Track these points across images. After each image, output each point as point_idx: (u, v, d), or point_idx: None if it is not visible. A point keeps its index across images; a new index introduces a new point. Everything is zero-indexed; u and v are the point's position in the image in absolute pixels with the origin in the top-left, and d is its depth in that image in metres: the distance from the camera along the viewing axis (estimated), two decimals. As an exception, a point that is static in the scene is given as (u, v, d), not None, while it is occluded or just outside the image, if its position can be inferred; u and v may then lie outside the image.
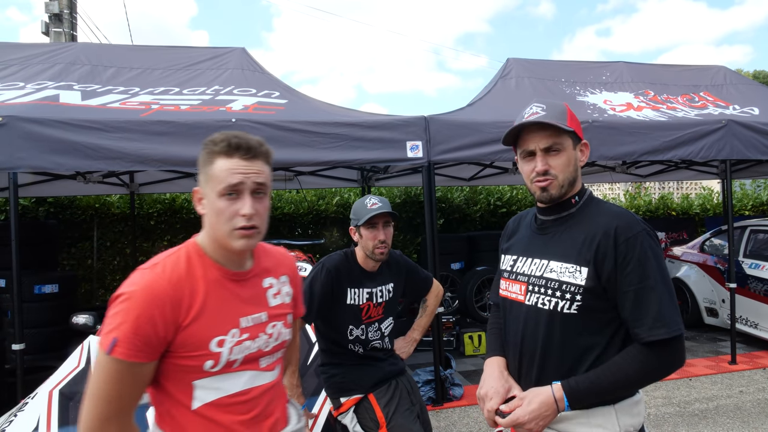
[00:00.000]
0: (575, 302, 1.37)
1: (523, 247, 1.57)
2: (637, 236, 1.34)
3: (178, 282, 1.17)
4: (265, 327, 1.30)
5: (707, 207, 10.04)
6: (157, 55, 5.37)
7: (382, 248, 2.25)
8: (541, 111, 1.43)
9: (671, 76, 6.74)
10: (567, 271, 1.39)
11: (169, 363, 1.18)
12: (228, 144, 1.20)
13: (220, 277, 1.24)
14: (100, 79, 4.86)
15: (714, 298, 6.35)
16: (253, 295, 1.30)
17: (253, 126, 3.97)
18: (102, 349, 1.10)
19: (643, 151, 4.87)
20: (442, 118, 4.53)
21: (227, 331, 1.21)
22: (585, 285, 1.36)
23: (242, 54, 5.52)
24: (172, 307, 1.14)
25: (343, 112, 4.82)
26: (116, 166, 3.82)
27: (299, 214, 8.05)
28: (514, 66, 6.14)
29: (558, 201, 1.47)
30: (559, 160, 1.43)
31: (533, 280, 1.47)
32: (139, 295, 1.11)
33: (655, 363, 1.32)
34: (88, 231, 7.35)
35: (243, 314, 1.26)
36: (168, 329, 1.14)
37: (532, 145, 1.44)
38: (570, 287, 1.38)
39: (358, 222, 2.26)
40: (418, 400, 2.35)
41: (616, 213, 1.42)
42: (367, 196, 2.29)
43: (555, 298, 1.40)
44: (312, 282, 2.22)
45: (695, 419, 4.00)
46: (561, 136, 1.42)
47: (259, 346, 1.27)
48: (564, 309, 1.38)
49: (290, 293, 1.43)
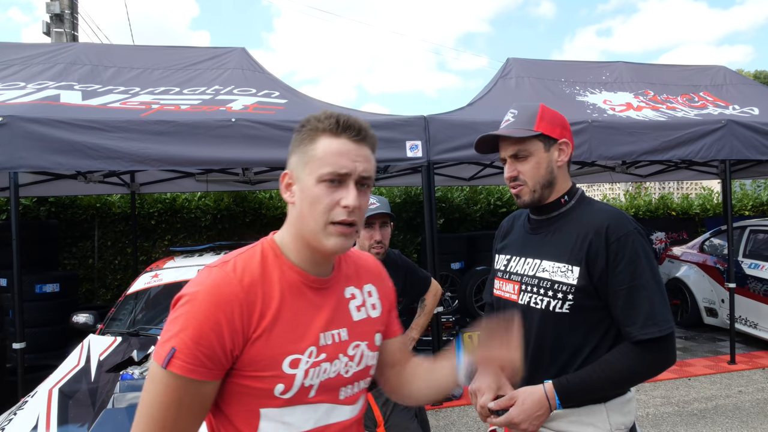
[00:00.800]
0: (567, 301, 1.39)
1: (517, 247, 1.59)
2: (628, 235, 1.36)
3: (251, 284, 0.97)
4: (346, 347, 1.06)
5: (707, 207, 10.04)
6: (157, 55, 5.38)
7: (378, 248, 2.26)
8: (511, 117, 1.50)
9: (671, 76, 6.74)
10: (559, 270, 1.41)
11: (233, 384, 0.97)
12: (336, 121, 1.00)
13: (298, 283, 1.03)
14: (101, 79, 4.88)
15: (713, 298, 6.35)
16: (333, 308, 1.07)
17: (253, 126, 3.99)
18: (157, 361, 0.91)
19: (642, 151, 4.88)
20: (442, 118, 4.54)
21: (304, 349, 0.99)
22: (576, 284, 1.38)
23: (242, 54, 5.54)
24: (241, 313, 0.94)
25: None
26: (116, 166, 3.83)
27: (299, 214, 8.05)
28: (514, 66, 6.14)
29: (536, 204, 1.50)
30: (526, 166, 1.47)
31: (526, 279, 1.49)
32: (203, 297, 0.92)
33: (646, 361, 1.33)
34: (89, 230, 7.37)
35: (322, 329, 1.03)
36: (236, 340, 0.93)
37: (502, 152, 1.51)
38: (562, 286, 1.40)
39: None
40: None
41: (607, 212, 1.43)
42: None
43: (547, 297, 1.42)
44: None
45: (694, 419, 4.01)
46: (524, 142, 1.46)
47: (338, 370, 1.04)
48: (556, 308, 1.40)
49: (378, 307, 1.17)
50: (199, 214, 7.62)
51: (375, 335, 1.14)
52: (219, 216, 7.69)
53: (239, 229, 7.76)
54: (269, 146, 3.99)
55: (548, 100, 5.54)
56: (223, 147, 3.91)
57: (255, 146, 3.97)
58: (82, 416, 2.26)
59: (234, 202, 7.77)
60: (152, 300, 3.65)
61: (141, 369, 2.59)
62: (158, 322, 3.39)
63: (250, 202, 7.85)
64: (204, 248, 5.09)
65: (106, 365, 2.78)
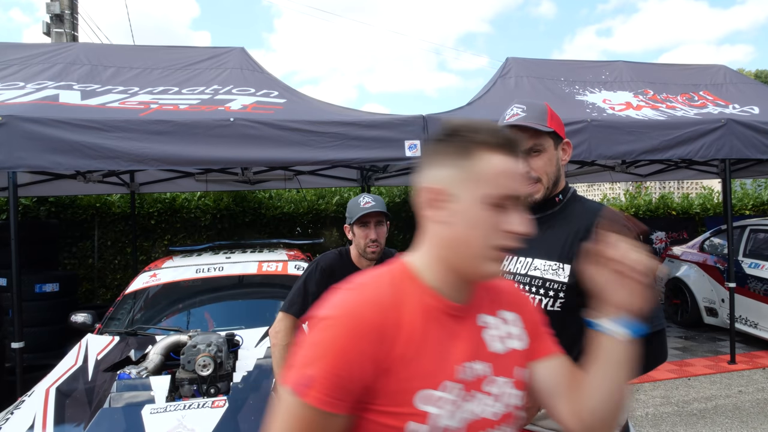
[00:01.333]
0: (558, 299, 1.39)
1: None
2: None
3: (389, 309, 0.87)
4: (489, 384, 0.93)
5: (707, 206, 10.02)
6: (156, 54, 5.39)
7: (373, 247, 2.25)
8: (521, 112, 1.47)
9: (671, 75, 6.73)
10: (550, 268, 1.42)
11: (363, 420, 0.86)
12: (507, 138, 0.90)
13: (436, 309, 0.92)
14: (100, 78, 4.88)
15: (714, 298, 6.34)
16: (472, 338, 0.95)
17: (251, 125, 3.98)
18: (291, 389, 0.82)
19: (642, 150, 4.86)
20: (441, 118, 4.53)
21: (438, 383, 0.87)
22: (568, 282, 1.38)
23: (241, 54, 5.54)
24: (381, 341, 0.84)
25: (341, 111, 4.83)
26: (115, 166, 3.83)
27: (299, 214, 8.06)
28: (514, 65, 6.14)
29: (539, 203, 1.50)
30: (540, 162, 1.46)
31: (518, 278, 1.49)
32: (345, 323, 0.84)
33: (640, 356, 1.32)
34: (89, 230, 7.38)
35: (460, 362, 0.91)
36: (372, 370, 0.83)
37: None
38: (553, 284, 1.40)
39: (351, 220, 2.27)
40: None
41: (598, 210, 1.45)
42: (362, 195, 2.30)
43: (539, 295, 1.42)
44: (306, 280, 2.23)
45: (694, 419, 4.00)
46: (541, 136, 1.45)
47: (482, 411, 0.91)
48: (548, 306, 1.41)
49: (524, 338, 1.04)
50: (199, 214, 7.62)
51: (520, 371, 1.00)
52: (219, 216, 7.70)
53: (239, 229, 7.77)
54: (268, 146, 3.98)
55: (548, 100, 5.53)
56: (222, 147, 3.91)
57: (253, 146, 3.97)
58: (79, 416, 2.26)
59: (233, 202, 7.77)
60: (150, 299, 3.65)
61: (138, 368, 2.59)
62: (156, 321, 3.40)
63: (250, 201, 7.85)
64: (203, 248, 5.11)
65: (104, 365, 2.79)
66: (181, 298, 3.68)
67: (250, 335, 3.02)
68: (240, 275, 3.80)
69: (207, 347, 2.52)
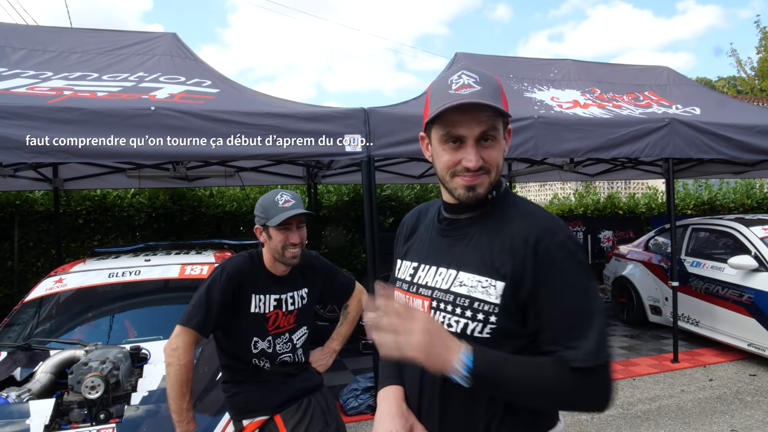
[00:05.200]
0: (488, 324, 1.11)
1: (425, 252, 1.28)
2: (562, 244, 1.11)
3: None
4: None
5: (652, 206, 10.24)
6: (76, 37, 4.93)
7: (294, 252, 1.99)
8: (474, 84, 1.12)
9: (617, 75, 6.76)
10: (480, 285, 1.13)
11: None
12: None
13: None
14: (7, 61, 4.41)
15: (658, 296, 6.39)
16: None
17: (175, 115, 3.64)
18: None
19: (588, 148, 4.79)
20: (383, 111, 4.30)
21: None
22: (500, 303, 1.11)
23: (173, 39, 5.15)
24: None
25: (278, 102, 4.53)
26: (16, 158, 3.41)
27: (242, 212, 7.67)
28: (463, 60, 5.98)
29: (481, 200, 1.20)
30: (493, 152, 1.15)
31: (438, 294, 1.19)
32: None
33: (578, 386, 1.07)
34: (9, 230, 6.76)
35: None
36: None
37: (462, 129, 1.13)
38: (483, 305, 1.12)
39: (266, 221, 1.99)
40: (334, 419, 2.10)
41: (535, 216, 1.17)
42: (278, 191, 2.02)
43: (465, 318, 1.13)
44: (209, 288, 1.93)
45: (638, 421, 3.93)
46: (497, 119, 1.14)
47: None
48: (475, 332, 1.12)
49: None
50: (133, 213, 7.12)
51: None
52: (154, 214, 7.22)
53: (176, 229, 7.31)
54: (193, 138, 3.65)
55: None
56: (140, 138, 3.54)
57: (177, 138, 3.62)
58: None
59: (170, 200, 7.31)
60: (53, 308, 3.25)
61: (19, 390, 2.23)
62: (57, 333, 3.01)
63: (189, 199, 7.41)
64: (134, 249, 4.69)
65: (-18, 386, 2.40)
66: (89, 306, 3.29)
67: (162, 347, 2.68)
68: (159, 279, 3.44)
69: (100, 365, 2.18)
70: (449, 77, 1.15)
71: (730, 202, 10.48)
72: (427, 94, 1.21)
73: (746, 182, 10.79)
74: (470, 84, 1.12)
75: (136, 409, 2.14)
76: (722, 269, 5.36)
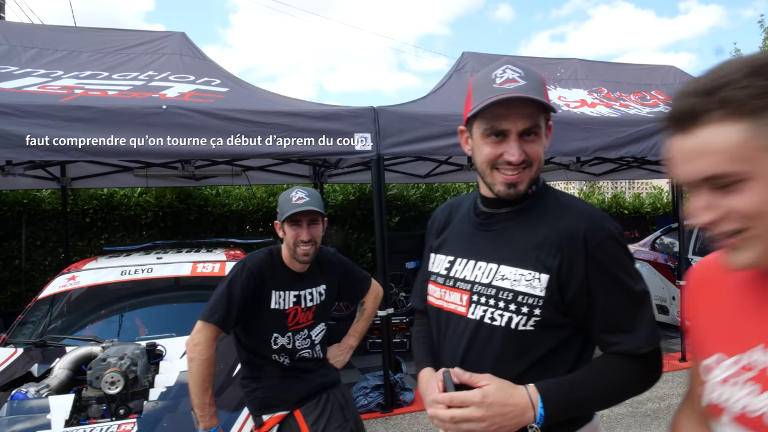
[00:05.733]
0: (533, 317, 1.12)
1: (462, 246, 1.28)
2: (610, 236, 1.14)
3: None
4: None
5: (657, 206, 10.23)
6: (86, 36, 4.95)
7: (306, 249, 1.99)
8: (519, 78, 1.12)
9: (624, 74, 6.77)
10: (523, 278, 1.13)
11: None
12: None
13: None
14: (18, 60, 4.43)
15: (665, 296, 6.39)
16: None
17: (186, 114, 3.66)
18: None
19: (596, 147, 4.80)
20: (392, 110, 4.31)
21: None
22: (545, 296, 1.11)
23: (181, 39, 5.16)
24: None
25: (287, 101, 4.55)
26: (29, 156, 3.45)
27: (248, 211, 7.68)
28: (470, 60, 5.99)
29: None
30: (536, 147, 1.15)
31: (479, 288, 1.19)
32: None
33: (642, 373, 1.15)
34: (16, 229, 6.78)
35: None
36: None
37: (506, 123, 1.12)
38: (527, 299, 1.12)
39: (281, 217, 2.01)
40: (352, 414, 2.12)
41: (581, 210, 1.18)
42: (294, 189, 2.03)
43: (508, 312, 1.14)
44: (231, 284, 1.94)
45: (648, 419, 3.93)
46: (540, 115, 1.14)
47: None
48: (519, 326, 1.13)
49: None
50: (140, 212, 7.14)
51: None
52: (161, 213, 7.23)
53: (183, 228, 7.33)
54: (205, 137, 3.67)
55: (503, 95, 5.41)
56: (153, 137, 3.56)
57: (189, 136, 3.64)
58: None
59: (177, 199, 7.32)
60: (67, 305, 3.27)
61: (38, 386, 2.24)
62: (72, 330, 3.03)
63: (195, 198, 7.42)
64: (141, 247, 4.71)
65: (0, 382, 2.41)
66: (102, 303, 3.31)
67: (176, 344, 2.70)
68: (171, 277, 3.45)
69: (118, 361, 2.20)
70: (493, 71, 1.15)
71: (735, 201, 10.47)
72: (469, 88, 1.21)
73: (751, 182, 10.78)
74: (515, 78, 1.11)
75: (156, 404, 2.16)
76: (730, 268, 5.36)
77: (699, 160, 0.75)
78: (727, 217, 0.75)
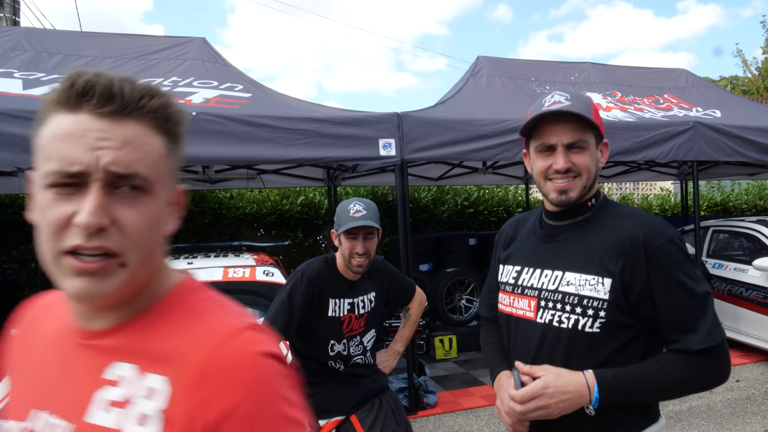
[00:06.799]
0: (598, 319, 1.22)
1: (529, 257, 1.39)
2: (670, 241, 1.22)
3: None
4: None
5: (666, 208, 10.29)
6: (109, 42, 4.98)
7: (361, 261, 2.03)
8: (564, 100, 1.26)
9: (636, 77, 6.82)
10: (587, 283, 1.23)
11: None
12: (71, 84, 0.65)
13: (63, 331, 0.80)
14: (44, 66, 4.46)
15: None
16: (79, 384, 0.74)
17: (217, 120, 3.70)
18: None
19: (615, 151, 4.84)
20: (415, 116, 4.36)
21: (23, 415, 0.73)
22: (609, 299, 1.21)
23: (202, 44, 5.21)
24: None
25: (311, 107, 4.60)
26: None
27: (262, 214, 7.73)
28: (485, 64, 6.05)
29: (572, 205, 1.31)
30: (582, 157, 1.27)
31: (546, 294, 1.30)
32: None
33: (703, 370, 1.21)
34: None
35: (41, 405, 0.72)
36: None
37: (553, 138, 1.27)
38: (592, 302, 1.22)
39: (338, 228, 2.05)
40: (403, 420, 2.17)
41: (640, 217, 1.28)
42: (352, 200, 2.06)
43: (575, 315, 1.24)
44: (291, 293, 1.98)
45: (670, 422, 3.98)
46: (585, 132, 1.27)
47: None
48: (586, 327, 1.22)
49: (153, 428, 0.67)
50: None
51: None
52: (176, 217, 7.27)
53: (198, 231, 7.37)
54: (234, 142, 3.71)
55: (520, 100, 5.46)
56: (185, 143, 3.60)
57: (218, 142, 3.68)
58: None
59: (192, 202, 7.36)
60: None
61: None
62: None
63: (210, 201, 7.47)
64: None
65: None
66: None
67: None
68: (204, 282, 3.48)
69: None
70: (545, 97, 1.31)
71: (742, 203, 10.52)
72: (527, 114, 1.34)
73: (758, 183, 10.84)
74: (560, 101, 1.27)
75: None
76: (746, 271, 5.41)
77: None
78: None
